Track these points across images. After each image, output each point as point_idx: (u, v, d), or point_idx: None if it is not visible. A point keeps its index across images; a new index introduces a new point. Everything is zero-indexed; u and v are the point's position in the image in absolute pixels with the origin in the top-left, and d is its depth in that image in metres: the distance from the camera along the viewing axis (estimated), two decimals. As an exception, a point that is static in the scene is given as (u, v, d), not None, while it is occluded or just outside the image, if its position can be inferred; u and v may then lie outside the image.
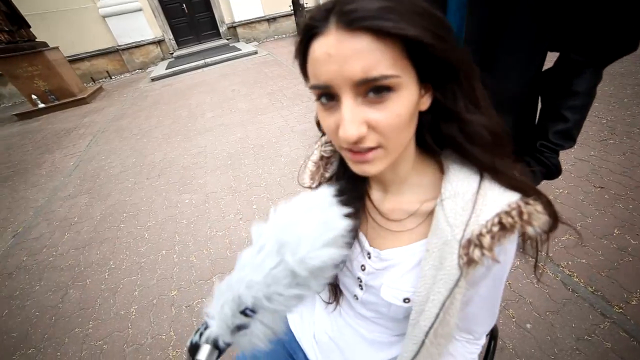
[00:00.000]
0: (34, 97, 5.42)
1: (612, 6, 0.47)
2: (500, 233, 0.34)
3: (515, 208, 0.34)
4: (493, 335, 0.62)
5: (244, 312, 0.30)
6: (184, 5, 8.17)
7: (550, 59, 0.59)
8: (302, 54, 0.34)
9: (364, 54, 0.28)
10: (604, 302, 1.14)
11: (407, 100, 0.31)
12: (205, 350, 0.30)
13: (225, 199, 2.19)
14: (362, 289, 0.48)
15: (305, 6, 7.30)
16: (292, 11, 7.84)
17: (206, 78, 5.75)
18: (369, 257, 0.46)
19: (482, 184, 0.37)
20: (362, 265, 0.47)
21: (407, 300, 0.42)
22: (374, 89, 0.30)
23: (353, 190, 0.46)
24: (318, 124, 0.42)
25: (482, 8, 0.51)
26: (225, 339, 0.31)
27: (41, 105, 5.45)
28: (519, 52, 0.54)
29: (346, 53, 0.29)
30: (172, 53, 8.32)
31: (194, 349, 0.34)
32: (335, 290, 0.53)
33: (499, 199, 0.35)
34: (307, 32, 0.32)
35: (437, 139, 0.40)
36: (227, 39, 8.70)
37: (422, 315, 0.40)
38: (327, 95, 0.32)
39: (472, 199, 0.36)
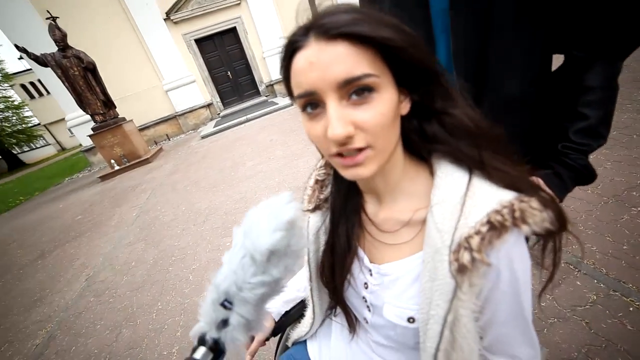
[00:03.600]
0: (112, 161, 6.55)
1: None
2: (490, 233, 0.32)
3: (506, 206, 0.32)
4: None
5: (223, 305, 0.34)
6: (229, 72, 9.57)
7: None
8: (286, 69, 0.35)
9: (343, 57, 0.31)
10: None
11: (388, 100, 0.33)
12: (200, 351, 0.34)
13: (261, 240, 2.29)
14: (370, 310, 0.47)
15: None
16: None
17: (248, 132, 6.38)
18: (370, 274, 0.45)
19: (471, 184, 0.35)
20: (365, 283, 0.46)
21: (411, 320, 0.40)
22: (356, 91, 0.32)
23: (348, 205, 0.47)
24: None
25: (465, 19, 0.51)
26: (211, 334, 0.34)
27: (117, 167, 6.52)
28: (512, 56, 0.52)
29: (327, 59, 0.31)
30: (219, 113, 9.54)
31: (192, 351, 0.36)
32: (349, 317, 0.52)
33: (489, 197, 0.33)
34: (289, 47, 0.34)
35: (425, 142, 0.40)
36: (266, 96, 9.78)
37: (426, 335, 0.37)
38: (312, 104, 0.34)
39: (460, 202, 0.34)
